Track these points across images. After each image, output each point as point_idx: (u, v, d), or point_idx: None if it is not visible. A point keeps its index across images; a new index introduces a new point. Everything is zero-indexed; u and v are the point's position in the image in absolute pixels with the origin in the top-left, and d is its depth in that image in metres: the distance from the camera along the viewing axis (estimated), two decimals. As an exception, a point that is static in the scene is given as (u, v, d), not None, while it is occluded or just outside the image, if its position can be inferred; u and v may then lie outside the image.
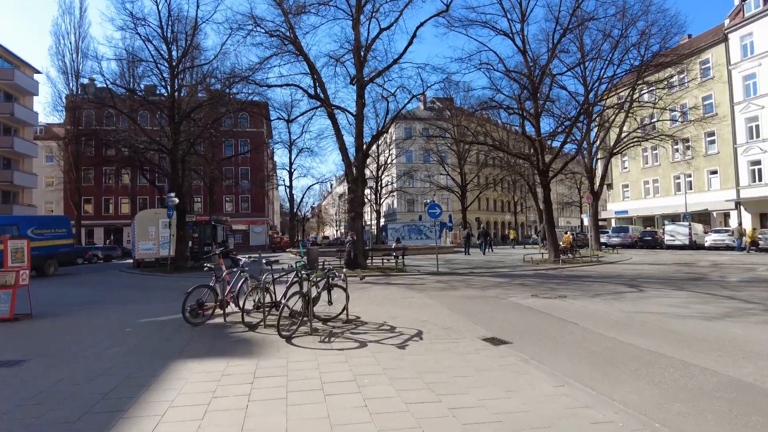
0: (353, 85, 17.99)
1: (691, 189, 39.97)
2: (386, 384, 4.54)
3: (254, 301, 8.02)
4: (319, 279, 7.81)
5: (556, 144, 28.15)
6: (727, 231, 30.33)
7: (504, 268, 17.69)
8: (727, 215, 38.00)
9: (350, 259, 15.01)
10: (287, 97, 71.62)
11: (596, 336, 6.62)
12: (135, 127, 23.64)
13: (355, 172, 17.12)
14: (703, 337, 6.39)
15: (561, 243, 21.61)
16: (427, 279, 14.76)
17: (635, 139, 27.67)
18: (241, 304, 7.90)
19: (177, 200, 20.01)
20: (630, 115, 26.53)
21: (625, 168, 48.84)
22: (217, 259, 8.77)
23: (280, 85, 17.58)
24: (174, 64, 21.55)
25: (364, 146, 17.41)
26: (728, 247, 28.73)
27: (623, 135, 27.34)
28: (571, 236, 23.17)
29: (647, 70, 24.39)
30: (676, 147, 41.94)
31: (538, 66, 20.45)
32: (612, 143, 28.18)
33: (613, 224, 48.12)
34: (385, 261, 19.63)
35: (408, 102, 17.92)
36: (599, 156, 31.18)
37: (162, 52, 21.41)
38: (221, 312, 8.24)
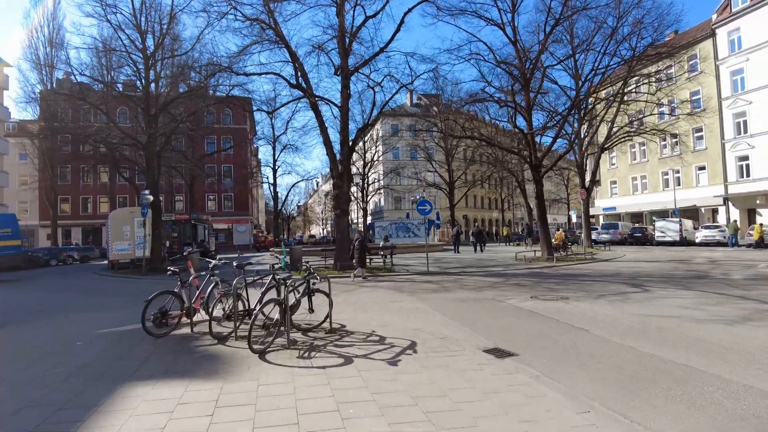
0: (338, 75, 17.10)
1: (679, 185, 39.89)
2: (376, 415, 3.71)
3: (224, 309, 7.13)
4: (298, 283, 6.93)
5: (546, 140, 27.67)
6: (717, 227, 30.10)
7: (497, 267, 16.99)
8: (715, 211, 37.96)
9: (360, 258, 14.81)
10: (270, 92, 69.72)
11: (612, 345, 5.88)
12: (109, 121, 22.38)
13: (340, 167, 16.22)
14: (732, 346, 5.68)
15: (553, 240, 20.99)
16: (417, 280, 13.97)
17: (627, 134, 27.24)
18: (210, 311, 6.99)
19: (151, 198, 18.91)
20: (621, 110, 26.06)
21: (613, 164, 48.72)
22: (185, 261, 7.85)
23: (260, 73, 16.60)
24: (149, 54, 20.41)
25: (350, 140, 16.54)
26: (719, 243, 28.47)
27: (615, 129, 26.89)
28: (563, 233, 22.57)
29: (640, 63, 23.94)
30: (664, 143, 41.90)
31: (530, 58, 19.78)
32: (603, 138, 27.69)
33: (601, 221, 48.00)
34: (372, 260, 18.81)
35: (396, 92, 17.15)
36: (590, 151, 30.74)
37: (136, 42, 20.26)
38: (188, 321, 7.33)
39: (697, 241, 29.84)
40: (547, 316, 7.82)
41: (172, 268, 7.41)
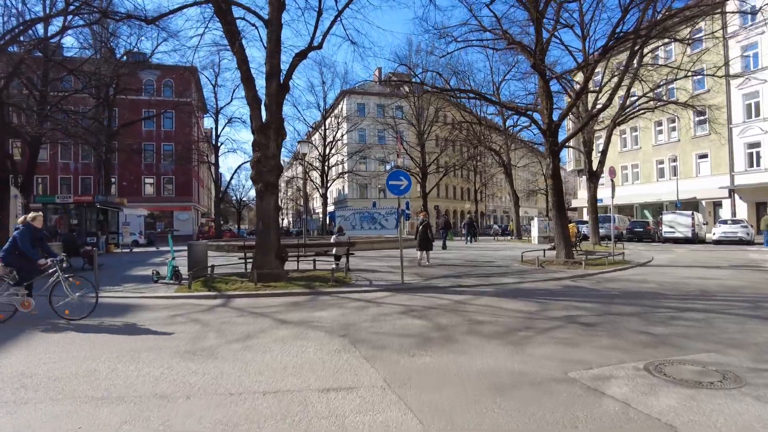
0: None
1: (675, 175, 35.70)
2: None
3: None
4: None
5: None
6: (739, 222, 25.63)
7: (506, 277, 11.31)
8: (717, 204, 33.93)
9: (426, 240, 14.32)
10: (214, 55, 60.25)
11: None
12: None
13: (265, 113, 10.14)
14: None
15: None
16: (386, 304, 8.09)
17: (648, 102, 22.32)
18: None
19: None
20: (638, 76, 20.94)
21: (600, 152, 44.26)
22: None
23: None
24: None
25: (283, 74, 10.43)
26: (741, 241, 24.01)
27: (634, 99, 21.86)
28: (576, 227, 17.38)
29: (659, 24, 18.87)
30: (660, 128, 37.71)
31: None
32: (616, 110, 22.56)
33: (585, 213, 43.74)
34: (317, 263, 12.88)
35: None
36: (599, 127, 25.69)
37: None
38: None
39: (714, 237, 25.33)
40: None
41: None
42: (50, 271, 6.86)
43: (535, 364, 4.57)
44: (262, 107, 10.36)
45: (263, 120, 10.12)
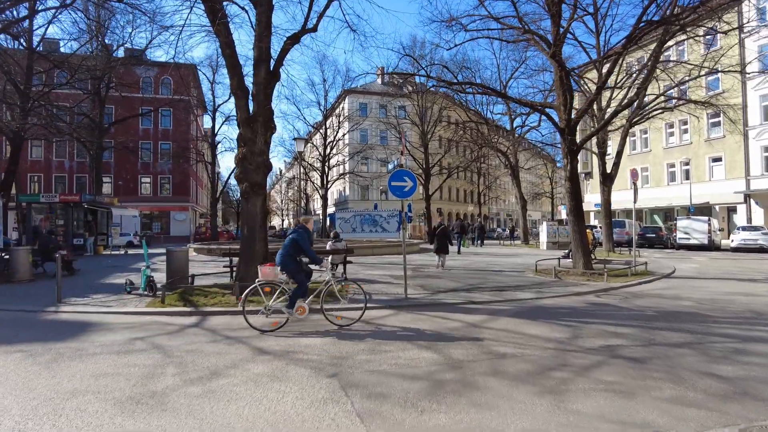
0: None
1: (688, 179, 34.47)
2: None
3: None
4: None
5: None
6: (758, 228, 24.38)
7: (522, 290, 10.09)
8: (732, 210, 32.66)
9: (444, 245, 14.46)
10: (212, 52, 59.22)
11: None
12: None
13: (253, 104, 9.01)
14: None
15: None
16: (384, 330, 6.89)
17: (667, 101, 21.13)
18: None
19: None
20: (659, 72, 19.73)
21: (608, 154, 43.01)
22: None
23: None
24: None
25: (273, 59, 9.27)
26: (762, 249, 22.78)
27: (653, 97, 20.65)
28: (592, 233, 16.18)
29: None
30: (671, 129, 36.51)
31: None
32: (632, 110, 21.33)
33: (593, 218, 42.55)
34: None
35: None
36: (612, 128, 24.42)
37: None
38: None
39: (732, 245, 24.10)
40: None
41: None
42: (324, 275, 7.06)
43: (587, 428, 3.39)
44: (250, 98, 9.21)
45: (250, 112, 8.97)
